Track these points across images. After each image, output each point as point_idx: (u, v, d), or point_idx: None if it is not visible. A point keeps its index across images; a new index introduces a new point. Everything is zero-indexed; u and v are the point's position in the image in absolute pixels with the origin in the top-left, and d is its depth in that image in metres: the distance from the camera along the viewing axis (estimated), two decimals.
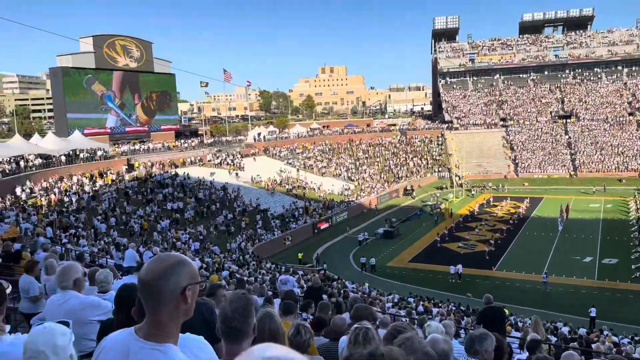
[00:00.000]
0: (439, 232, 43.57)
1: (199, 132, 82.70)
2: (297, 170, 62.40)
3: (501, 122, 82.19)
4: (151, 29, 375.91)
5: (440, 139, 79.56)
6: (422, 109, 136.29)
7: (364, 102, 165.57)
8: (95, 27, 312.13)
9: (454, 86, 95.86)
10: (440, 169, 72.48)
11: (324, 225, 48.92)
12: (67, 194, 37.45)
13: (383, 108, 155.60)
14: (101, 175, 43.90)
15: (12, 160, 38.47)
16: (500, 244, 40.14)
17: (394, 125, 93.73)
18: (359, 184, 64.45)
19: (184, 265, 2.10)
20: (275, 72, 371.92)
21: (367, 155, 74.91)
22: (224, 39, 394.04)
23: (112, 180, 43.57)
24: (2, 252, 11.72)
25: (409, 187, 65.32)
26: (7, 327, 3.30)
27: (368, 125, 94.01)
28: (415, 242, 42.90)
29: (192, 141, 66.07)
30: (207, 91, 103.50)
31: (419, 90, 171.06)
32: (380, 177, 68.67)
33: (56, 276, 4.43)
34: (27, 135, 60.62)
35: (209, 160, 57.11)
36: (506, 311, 17.50)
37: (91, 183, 41.27)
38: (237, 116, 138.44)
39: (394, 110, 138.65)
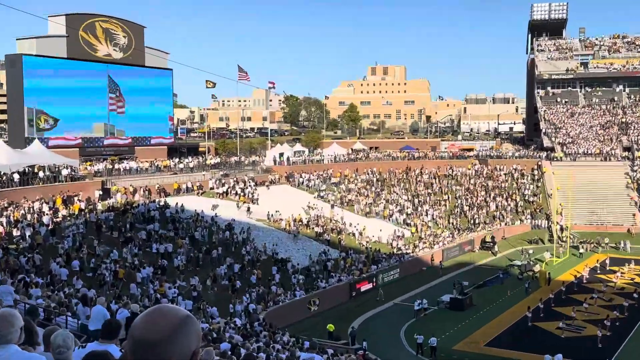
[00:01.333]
0: (531, 305, 42.47)
1: (200, 149, 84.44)
2: (332, 206, 62.55)
3: (624, 153, 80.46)
4: (144, 9, 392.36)
5: (536, 172, 78.39)
6: (510, 129, 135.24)
7: (428, 117, 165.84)
8: (70, 3, 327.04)
9: (558, 99, 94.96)
10: (534, 215, 71.14)
11: (365, 286, 48.44)
12: (19, 225, 38.58)
13: (455, 126, 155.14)
14: (66, 202, 45.16)
15: None
16: (619, 326, 38.90)
17: (470, 150, 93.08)
18: (417, 230, 63.89)
19: (193, 323, 2.21)
20: (307, 71, 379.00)
21: (430, 191, 74.42)
22: (239, 25, 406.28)
23: (81, 210, 44.69)
24: None
25: (488, 239, 64.23)
26: None
27: (433, 149, 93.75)
28: (495, 318, 41.94)
29: (190, 161, 67.50)
30: (214, 94, 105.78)
31: (507, 102, 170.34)
32: (449, 223, 67.87)
33: None
34: None
35: (211, 188, 58.05)
36: None
37: (52, 212, 42.46)
38: (252, 129, 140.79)
39: (471, 129, 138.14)
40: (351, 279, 48.13)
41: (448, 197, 73.50)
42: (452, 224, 67.87)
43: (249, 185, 60.72)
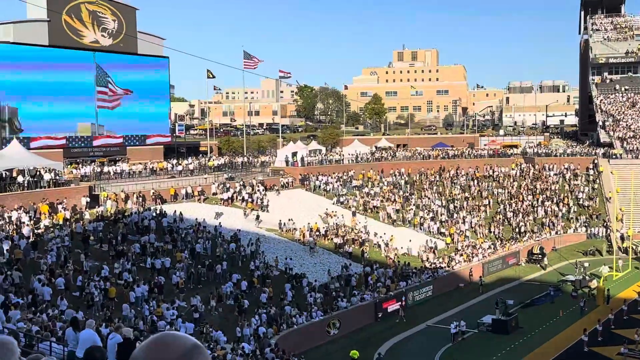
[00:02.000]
0: (587, 327, 42.12)
1: (201, 149, 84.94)
2: (354, 213, 62.55)
3: None
4: None
5: (591, 172, 77.83)
6: (561, 121, 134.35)
7: (464, 109, 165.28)
8: None
9: (617, 87, 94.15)
10: (590, 223, 70.62)
11: (393, 306, 48.35)
12: None
13: (496, 119, 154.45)
14: (49, 211, 45.61)
15: None
16: None
17: (514, 146, 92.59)
18: (453, 240, 63.69)
19: (202, 354, 2.28)
20: (323, 57, 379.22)
21: (467, 195, 74.17)
22: (245, 6, 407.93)
23: (65, 220, 45.12)
24: None
25: (536, 251, 63.85)
26: None
27: (471, 146, 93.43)
28: (545, 342, 41.63)
29: (190, 162, 67.88)
30: (217, 85, 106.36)
31: (557, 91, 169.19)
32: (489, 232, 67.55)
33: None
34: None
35: (214, 194, 58.33)
36: None
37: (32, 223, 42.89)
38: (261, 125, 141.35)
39: (514, 122, 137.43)
40: (376, 297, 47.99)
41: (488, 202, 73.16)
42: (494, 233, 67.50)
43: (258, 190, 60.90)
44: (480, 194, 74.87)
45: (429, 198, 71.73)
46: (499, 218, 70.58)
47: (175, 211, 51.33)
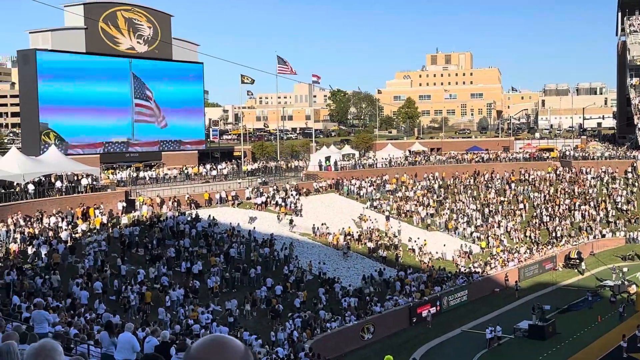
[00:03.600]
0: (626, 333, 41.53)
1: (235, 154, 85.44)
2: (387, 218, 62.47)
3: None
4: None
5: (630, 175, 76.71)
6: (598, 124, 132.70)
7: (499, 112, 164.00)
8: None
9: None
10: (629, 226, 69.61)
11: (428, 310, 48.19)
12: (34, 242, 39.75)
13: (532, 122, 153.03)
14: (86, 215, 46.33)
15: None
16: None
17: (550, 150, 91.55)
18: (488, 245, 63.24)
19: (251, 356, 2.39)
20: (356, 62, 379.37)
21: (503, 199, 73.59)
22: (278, 11, 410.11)
23: (102, 224, 45.78)
24: None
25: (574, 255, 63.18)
26: None
27: (506, 150, 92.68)
28: (583, 349, 41.21)
29: (224, 167, 68.41)
30: (250, 90, 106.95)
31: (594, 93, 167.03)
32: (525, 236, 66.93)
33: (28, 358, 4.68)
34: None
35: (248, 198, 58.69)
36: None
37: (70, 227, 43.60)
38: (294, 129, 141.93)
39: (551, 125, 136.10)
40: (411, 302, 47.90)
41: (524, 206, 72.51)
42: (530, 237, 66.87)
43: (291, 195, 61.11)
44: (515, 198, 74.23)
45: (463, 202, 71.31)
46: (535, 222, 69.91)
47: (209, 216, 51.78)
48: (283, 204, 58.99)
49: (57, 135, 60.29)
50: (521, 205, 72.70)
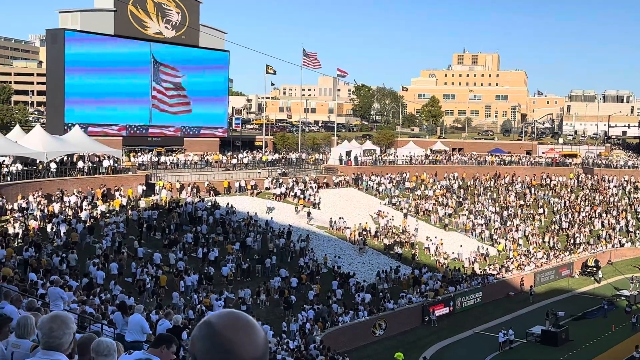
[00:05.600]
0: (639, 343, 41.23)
1: (256, 143, 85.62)
2: (405, 215, 62.30)
3: None
4: None
5: None
6: (623, 132, 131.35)
7: (523, 115, 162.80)
8: None
9: None
10: None
11: (441, 310, 48.07)
12: (54, 221, 40.17)
13: (556, 127, 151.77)
14: (105, 196, 46.68)
15: None
16: None
17: (573, 156, 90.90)
18: (505, 248, 62.85)
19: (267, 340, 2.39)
20: (381, 57, 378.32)
21: (522, 202, 73.09)
22: (305, 2, 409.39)
23: (122, 206, 46.12)
24: None
25: (591, 263, 62.67)
26: None
27: (528, 153, 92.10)
28: (595, 357, 40.94)
29: (245, 156, 68.55)
30: (273, 81, 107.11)
31: (621, 101, 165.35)
32: (543, 241, 66.46)
33: (42, 326, 4.73)
34: (4, 128, 66.28)
35: (266, 188, 58.80)
36: None
37: (90, 207, 43.94)
38: (316, 122, 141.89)
39: (575, 131, 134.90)
40: (424, 301, 47.80)
41: (544, 211, 71.98)
42: (548, 243, 66.37)
43: (310, 187, 61.15)
44: (535, 203, 73.69)
45: (482, 204, 70.90)
46: (554, 228, 69.35)
47: (227, 203, 51.96)
48: (302, 195, 59.02)
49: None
50: (541, 210, 72.17)
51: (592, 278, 61.27)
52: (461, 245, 60.04)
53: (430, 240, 58.95)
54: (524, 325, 46.40)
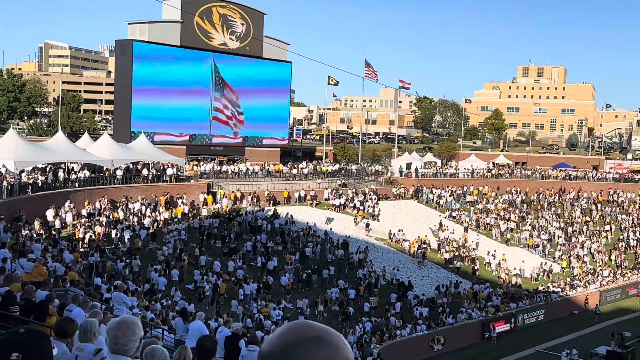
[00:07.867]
0: None
1: (317, 154, 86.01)
2: (466, 229, 61.50)
3: None
4: None
5: None
6: None
7: (590, 130, 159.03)
8: None
9: None
10: None
11: (501, 327, 47.22)
12: (119, 227, 41.10)
13: (624, 142, 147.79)
14: (168, 204, 47.52)
15: (48, 170, 43.35)
16: None
17: None
18: (569, 265, 61.43)
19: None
20: (444, 69, 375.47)
21: (588, 219, 71.32)
22: (368, 15, 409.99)
23: (184, 214, 46.86)
24: (21, 299, 12.73)
25: None
26: None
27: (595, 168, 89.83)
28: None
29: (305, 166, 68.87)
30: (334, 92, 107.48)
31: None
32: (610, 259, 64.68)
33: (110, 330, 4.84)
34: (73, 135, 68.11)
35: (326, 199, 58.90)
36: None
37: (154, 214, 44.78)
38: (377, 134, 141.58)
39: None
40: (484, 317, 47.03)
41: (611, 228, 70.04)
42: (614, 261, 64.57)
43: (370, 199, 61.00)
44: (602, 219, 71.77)
45: (546, 219, 69.46)
46: (621, 246, 67.41)
47: (287, 213, 52.23)
48: (361, 207, 58.93)
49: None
50: (607, 227, 70.27)
51: None
52: (523, 261, 58.92)
53: (492, 255, 58.04)
54: (588, 345, 45.21)
